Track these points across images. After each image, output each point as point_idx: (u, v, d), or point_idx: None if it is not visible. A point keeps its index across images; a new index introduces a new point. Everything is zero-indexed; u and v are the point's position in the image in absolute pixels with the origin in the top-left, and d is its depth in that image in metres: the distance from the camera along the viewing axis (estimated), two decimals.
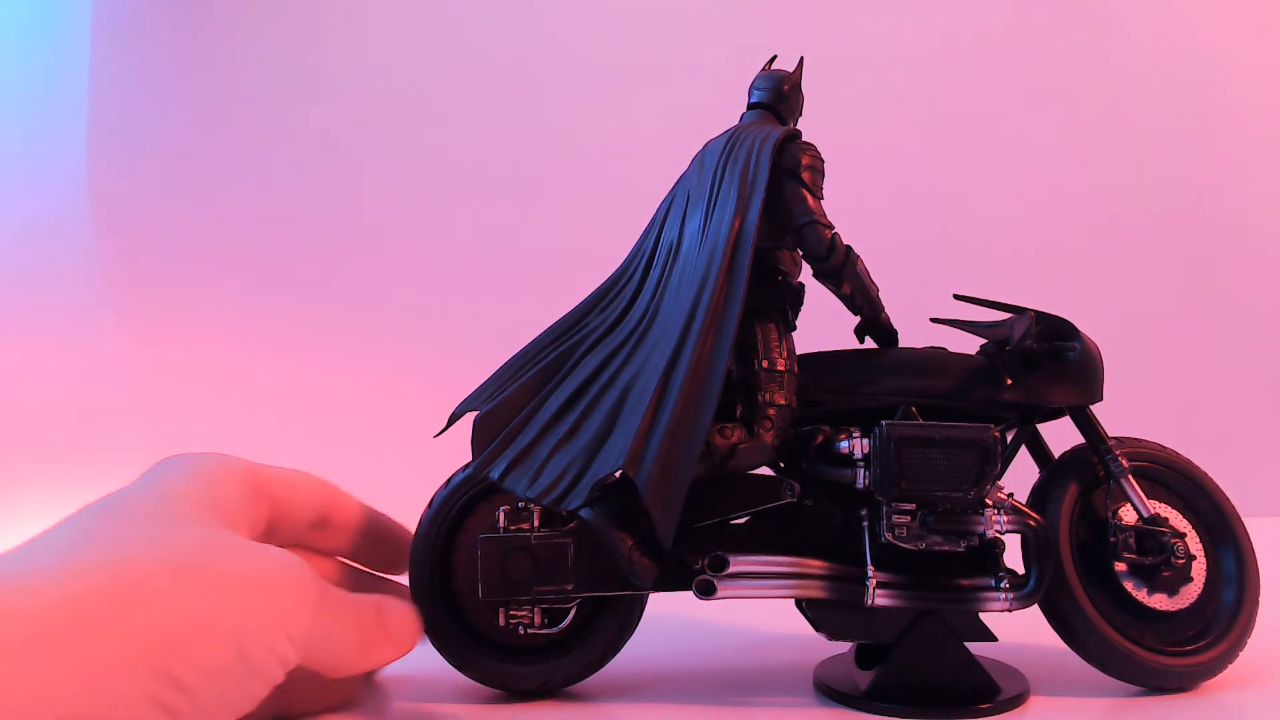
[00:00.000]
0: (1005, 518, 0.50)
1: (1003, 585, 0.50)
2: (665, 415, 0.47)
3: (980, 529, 0.50)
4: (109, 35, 1.29)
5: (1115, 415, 0.62)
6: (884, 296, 0.59)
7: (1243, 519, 0.55)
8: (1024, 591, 0.50)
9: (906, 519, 0.50)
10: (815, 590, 0.51)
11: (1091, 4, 1.33)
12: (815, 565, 0.51)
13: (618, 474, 0.47)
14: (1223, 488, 0.56)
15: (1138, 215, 1.30)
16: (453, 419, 0.54)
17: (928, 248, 1.26)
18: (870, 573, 0.50)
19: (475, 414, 0.52)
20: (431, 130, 1.29)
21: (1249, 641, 0.53)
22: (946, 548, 0.50)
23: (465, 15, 1.30)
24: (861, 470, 0.51)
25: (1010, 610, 0.50)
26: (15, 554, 0.37)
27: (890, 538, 0.50)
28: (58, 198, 1.28)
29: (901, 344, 0.57)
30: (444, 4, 1.30)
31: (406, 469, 0.69)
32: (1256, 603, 0.53)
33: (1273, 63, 1.31)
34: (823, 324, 0.58)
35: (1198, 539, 0.54)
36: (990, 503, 0.50)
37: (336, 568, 0.54)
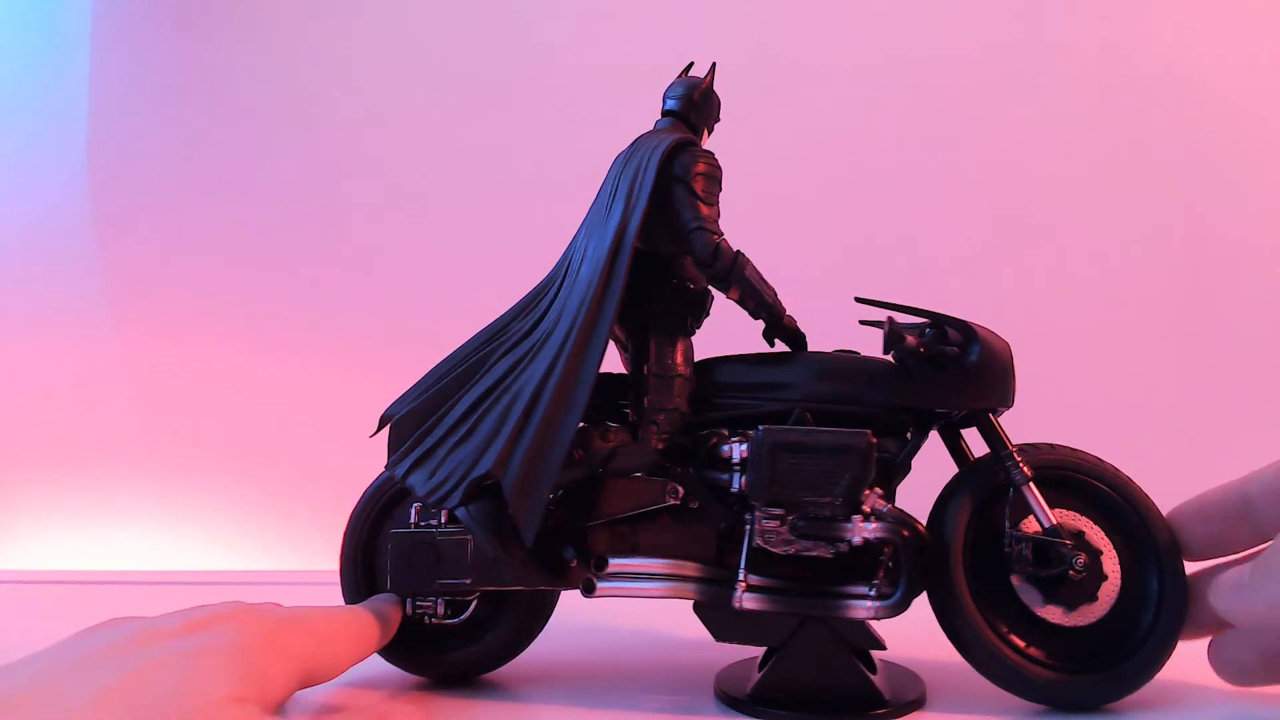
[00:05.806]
0: (874, 525, 0.49)
1: (871, 593, 0.49)
2: (535, 420, 0.50)
3: (849, 535, 0.49)
4: (109, 35, 1.30)
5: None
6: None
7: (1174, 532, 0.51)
8: (890, 601, 0.49)
9: (775, 523, 0.50)
10: (691, 592, 0.52)
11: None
12: (692, 567, 0.52)
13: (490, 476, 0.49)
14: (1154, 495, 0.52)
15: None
16: (384, 421, 0.58)
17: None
18: (741, 575, 0.51)
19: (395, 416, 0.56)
20: (433, 132, 1.28)
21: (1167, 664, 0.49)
22: (815, 553, 0.49)
23: (465, 18, 1.30)
24: (737, 474, 0.51)
25: (876, 619, 0.49)
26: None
27: (761, 541, 0.50)
28: (57, 197, 1.28)
29: (828, 347, 0.56)
30: (446, 6, 1.30)
31: None
32: (1178, 628, 0.49)
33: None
34: (741, 328, 0.58)
35: (1114, 553, 0.50)
36: (868, 509, 0.49)
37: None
